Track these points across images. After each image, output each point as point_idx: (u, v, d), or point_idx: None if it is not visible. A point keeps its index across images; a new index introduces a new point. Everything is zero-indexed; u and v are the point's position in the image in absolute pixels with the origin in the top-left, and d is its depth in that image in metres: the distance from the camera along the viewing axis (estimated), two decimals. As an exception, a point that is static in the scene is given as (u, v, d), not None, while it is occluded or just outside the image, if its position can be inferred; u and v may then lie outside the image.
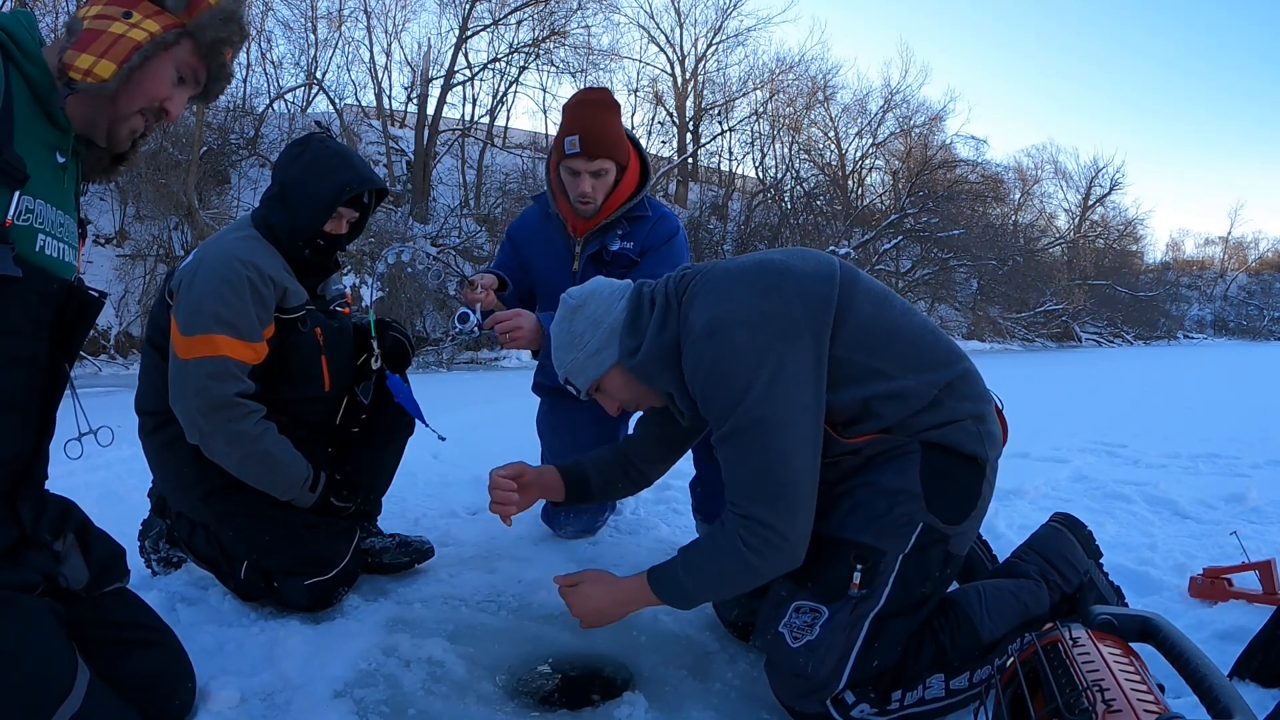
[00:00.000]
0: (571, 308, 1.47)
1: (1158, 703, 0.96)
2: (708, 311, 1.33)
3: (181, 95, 1.23)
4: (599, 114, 2.06)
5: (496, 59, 16.41)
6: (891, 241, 18.95)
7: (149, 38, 1.13)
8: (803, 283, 1.34)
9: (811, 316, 1.32)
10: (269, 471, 1.72)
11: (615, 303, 1.45)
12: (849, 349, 1.34)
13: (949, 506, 1.36)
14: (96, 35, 1.11)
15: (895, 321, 1.40)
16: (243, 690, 1.40)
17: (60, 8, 11.15)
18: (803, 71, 21.52)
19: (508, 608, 1.83)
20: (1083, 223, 29.21)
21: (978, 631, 1.38)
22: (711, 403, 1.32)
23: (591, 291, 1.48)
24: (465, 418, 4.32)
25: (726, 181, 21.10)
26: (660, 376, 1.41)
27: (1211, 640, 1.64)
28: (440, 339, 11.23)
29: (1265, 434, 4.60)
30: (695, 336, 1.33)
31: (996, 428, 1.45)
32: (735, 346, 1.29)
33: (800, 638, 1.33)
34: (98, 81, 1.10)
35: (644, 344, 1.39)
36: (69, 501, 1.28)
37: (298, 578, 1.71)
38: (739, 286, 1.35)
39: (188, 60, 1.20)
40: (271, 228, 1.79)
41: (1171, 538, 2.45)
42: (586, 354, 1.44)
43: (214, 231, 2.70)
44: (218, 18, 1.20)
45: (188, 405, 1.65)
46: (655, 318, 1.40)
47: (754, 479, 1.29)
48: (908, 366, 1.37)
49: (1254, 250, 40.85)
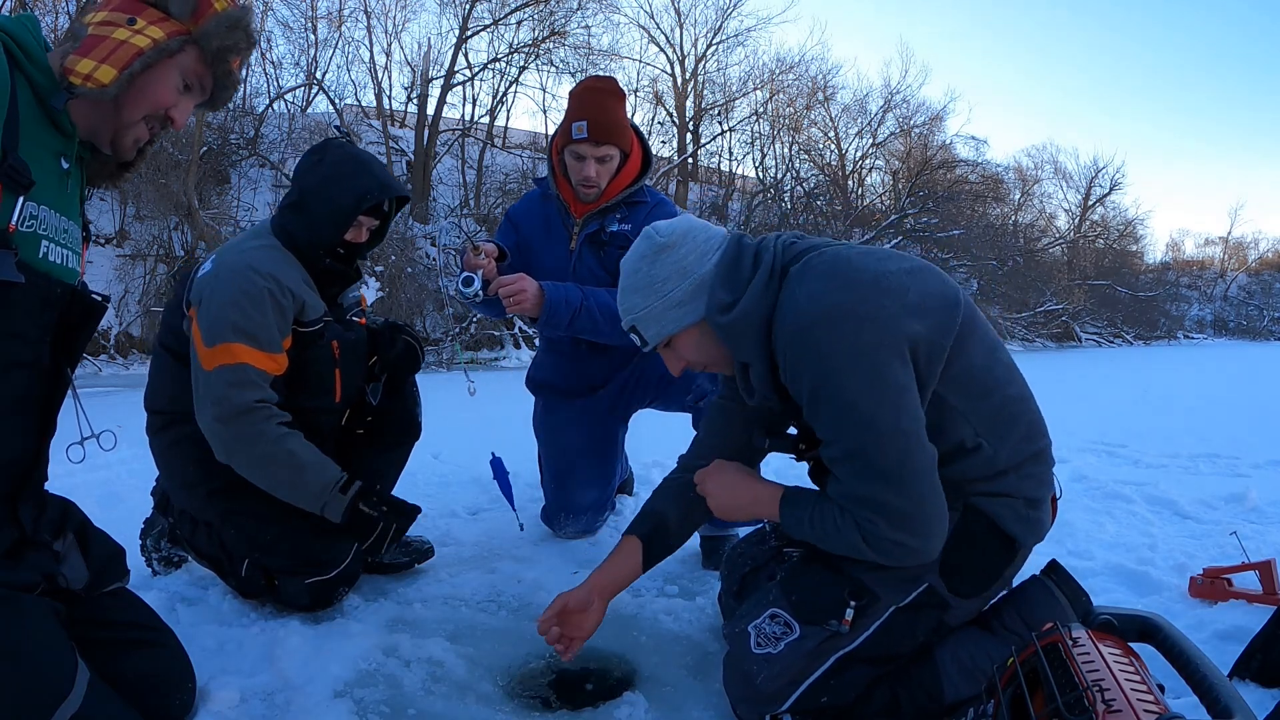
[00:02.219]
0: (658, 246, 1.30)
1: (1158, 703, 0.96)
2: (826, 298, 1.19)
3: (187, 103, 1.21)
4: (606, 101, 2.10)
5: (496, 59, 16.41)
6: (891, 242, 18.94)
7: (152, 44, 1.12)
8: (929, 301, 1.23)
9: (930, 340, 1.21)
10: (297, 473, 1.65)
11: (710, 254, 1.29)
12: (949, 388, 1.24)
13: (962, 578, 1.29)
14: (99, 41, 1.10)
15: (1001, 376, 1.30)
16: (243, 690, 1.40)
17: (60, 8, 11.15)
18: (803, 71, 21.54)
19: (508, 608, 1.83)
20: (1083, 223, 29.20)
21: (942, 691, 1.31)
22: (821, 400, 1.20)
23: (684, 232, 1.31)
24: (466, 418, 4.31)
25: (726, 182, 21.08)
26: (747, 344, 1.27)
27: (1211, 640, 1.63)
28: (440, 339, 11.23)
29: (1265, 434, 4.61)
30: (805, 320, 1.20)
31: (1047, 516, 1.35)
32: (851, 345, 1.17)
33: (763, 646, 1.29)
34: (98, 86, 1.08)
35: (741, 301, 1.25)
36: (68, 502, 1.28)
37: (299, 577, 1.71)
38: (863, 282, 1.21)
39: (193, 68, 1.19)
40: (291, 236, 1.76)
41: (1171, 538, 2.45)
42: (667, 304, 1.29)
43: (214, 231, 2.69)
44: (224, 25, 1.19)
45: (208, 415, 1.61)
46: (760, 276, 1.25)
47: (886, 500, 1.19)
48: (992, 427, 1.27)
49: (1254, 250, 40.88)
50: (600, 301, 2.03)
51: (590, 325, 2.04)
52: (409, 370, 2.04)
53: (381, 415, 2.01)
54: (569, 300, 2.00)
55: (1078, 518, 2.66)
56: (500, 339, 12.01)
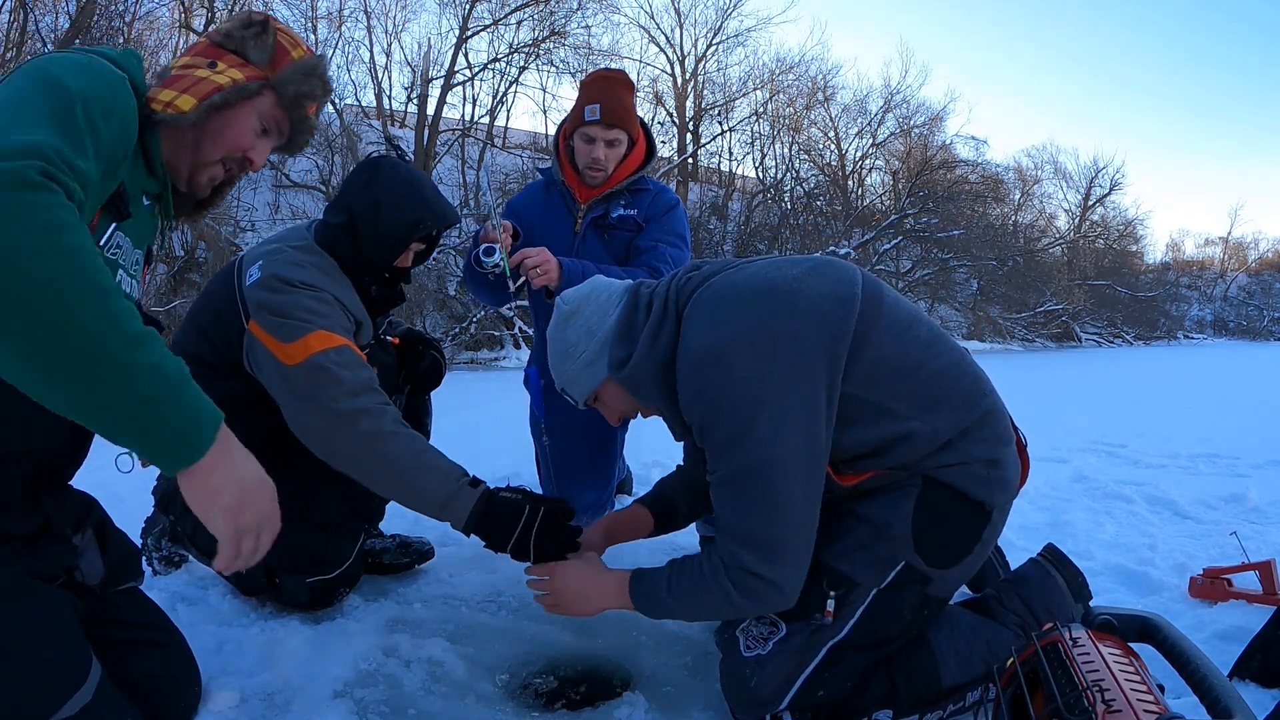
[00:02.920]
0: (566, 314, 1.38)
1: (1157, 703, 0.96)
2: (710, 334, 1.22)
3: (265, 145, 1.25)
4: (617, 89, 2.20)
5: (496, 59, 16.39)
6: (891, 242, 18.94)
7: (231, 83, 1.17)
8: (817, 306, 1.22)
9: (824, 347, 1.20)
10: (419, 455, 1.48)
11: (610, 310, 1.35)
12: (860, 385, 1.24)
13: (938, 549, 1.29)
14: (182, 77, 1.15)
15: (916, 356, 1.28)
16: (243, 690, 1.40)
17: (60, 8, 11.14)
18: (803, 72, 21.51)
19: (508, 608, 1.83)
20: (1083, 223, 29.17)
21: (939, 676, 1.32)
22: (708, 436, 1.23)
23: (586, 296, 1.39)
24: (466, 418, 4.32)
25: (726, 182, 21.06)
26: (650, 393, 1.32)
27: (1211, 640, 1.64)
28: (440, 339, 11.23)
29: (1265, 434, 4.61)
30: (693, 361, 1.22)
31: (1013, 472, 1.34)
32: (737, 377, 1.18)
33: (753, 649, 1.30)
34: (177, 113, 1.11)
35: (634, 356, 1.29)
36: (90, 498, 1.29)
37: (300, 575, 1.71)
38: (746, 307, 1.22)
39: (271, 112, 1.23)
40: (339, 257, 1.68)
41: (1171, 538, 2.45)
42: (580, 364, 1.36)
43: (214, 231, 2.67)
44: (300, 72, 1.23)
45: (315, 409, 1.44)
46: (650, 327, 1.29)
47: (749, 528, 1.20)
48: (922, 407, 1.26)
49: (1254, 250, 40.84)
50: (614, 276, 2.06)
51: None
52: (432, 385, 2.03)
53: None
54: (585, 274, 2.03)
55: (1078, 518, 2.66)
56: (500, 339, 12.00)
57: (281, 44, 1.23)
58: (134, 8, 11.55)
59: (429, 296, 11.99)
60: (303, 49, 1.26)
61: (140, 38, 11.59)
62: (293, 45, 1.25)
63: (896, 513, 1.28)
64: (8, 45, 10.39)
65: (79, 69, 1.00)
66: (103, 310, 0.80)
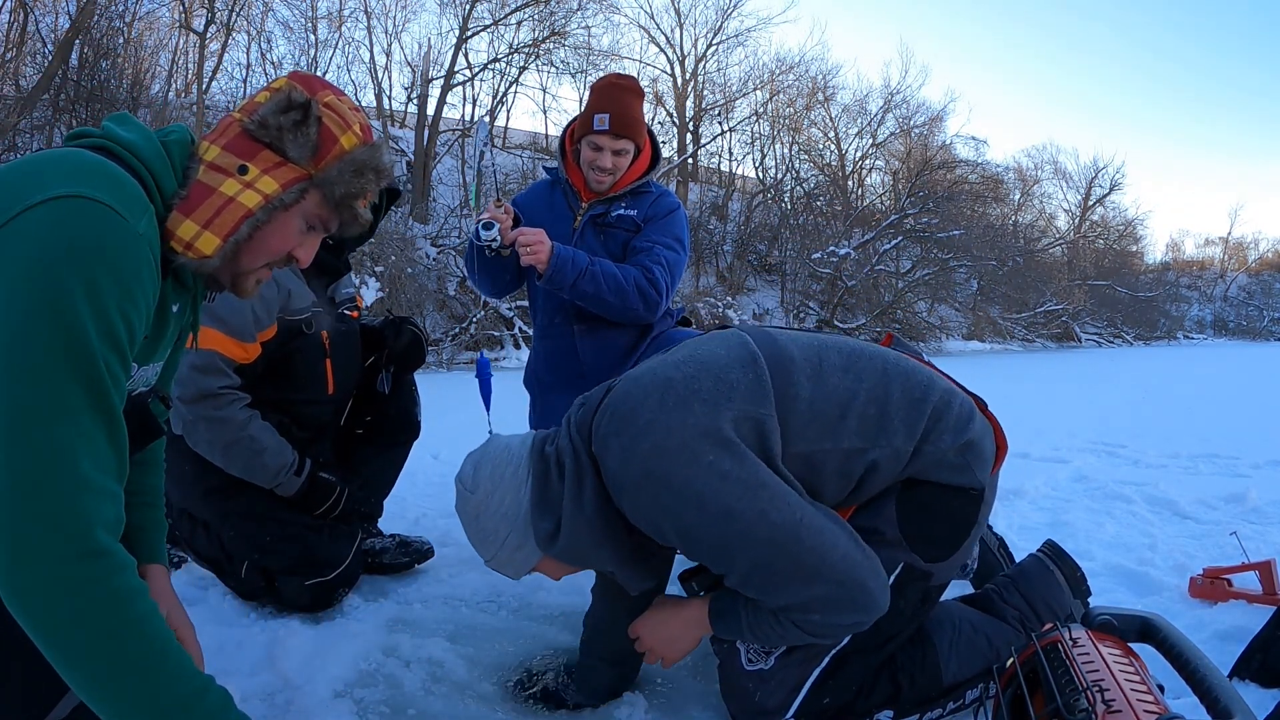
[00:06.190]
0: (474, 504, 1.23)
1: (1157, 703, 0.96)
2: (631, 454, 1.13)
3: (313, 241, 1.09)
4: (628, 98, 2.20)
5: (496, 59, 16.38)
6: (891, 242, 18.92)
7: (263, 202, 0.99)
8: (726, 375, 1.17)
9: (750, 411, 1.16)
10: (255, 456, 1.71)
11: (520, 485, 1.21)
12: (803, 441, 1.19)
13: (933, 544, 1.27)
14: (205, 194, 0.98)
15: (844, 390, 1.23)
16: (243, 690, 1.40)
17: (60, 8, 11.15)
18: (803, 72, 21.48)
19: (508, 608, 1.83)
20: (1083, 223, 29.17)
21: (940, 674, 1.32)
22: (699, 549, 1.17)
23: (490, 473, 1.23)
24: (466, 418, 4.31)
25: (726, 182, 21.05)
26: (594, 554, 1.22)
27: (1211, 640, 1.64)
28: (440, 339, 11.22)
29: (1265, 434, 4.61)
30: (629, 487, 1.14)
31: (986, 440, 1.31)
32: (683, 479, 1.10)
33: (755, 662, 1.29)
34: (199, 257, 0.98)
35: (562, 526, 1.19)
36: None
37: (299, 577, 1.71)
38: (650, 409, 1.14)
39: (316, 211, 1.05)
40: None
41: (1171, 538, 2.45)
42: (510, 550, 1.23)
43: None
44: (349, 170, 1.03)
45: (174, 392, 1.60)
46: (569, 486, 1.19)
47: (818, 595, 1.14)
48: (873, 433, 1.22)
49: (1254, 250, 40.83)
50: (607, 270, 2.08)
51: (593, 289, 2.06)
52: (415, 361, 2.06)
53: (380, 414, 2.02)
54: (576, 261, 2.05)
55: (1078, 518, 2.66)
56: (500, 339, 12.00)
57: (328, 130, 1.02)
58: (134, 8, 11.58)
59: (429, 297, 11.98)
60: (354, 132, 1.03)
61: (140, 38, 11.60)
62: (342, 128, 1.02)
63: (880, 518, 1.26)
64: (8, 45, 10.41)
65: (85, 273, 0.84)
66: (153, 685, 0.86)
